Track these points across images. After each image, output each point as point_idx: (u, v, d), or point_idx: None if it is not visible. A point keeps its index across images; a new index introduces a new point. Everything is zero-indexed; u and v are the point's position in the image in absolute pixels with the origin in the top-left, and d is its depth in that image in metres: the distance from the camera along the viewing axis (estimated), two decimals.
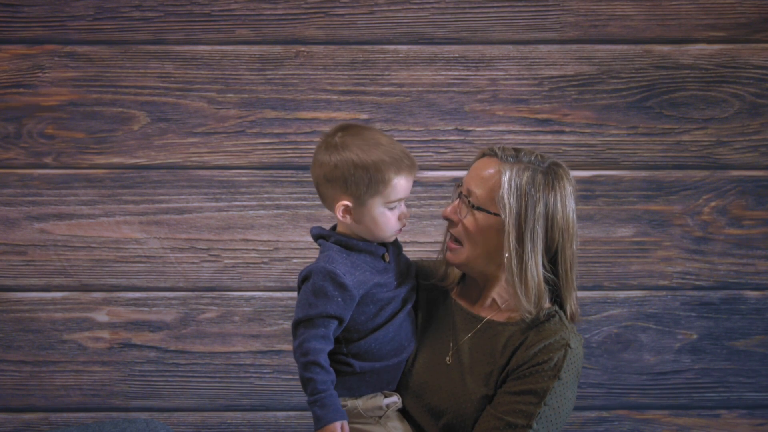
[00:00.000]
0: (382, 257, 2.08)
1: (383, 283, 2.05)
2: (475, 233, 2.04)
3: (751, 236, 2.89)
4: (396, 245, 2.14)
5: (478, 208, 2.03)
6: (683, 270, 2.89)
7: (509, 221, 1.99)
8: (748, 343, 2.91)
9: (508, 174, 2.00)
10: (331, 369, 1.99)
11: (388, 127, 2.83)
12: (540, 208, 2.00)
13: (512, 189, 1.99)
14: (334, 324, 1.99)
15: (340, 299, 1.98)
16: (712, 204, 2.88)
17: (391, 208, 2.02)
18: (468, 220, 2.04)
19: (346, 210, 2.03)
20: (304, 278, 2.03)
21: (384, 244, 2.09)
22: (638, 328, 2.90)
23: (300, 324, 2.00)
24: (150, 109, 2.84)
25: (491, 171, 2.03)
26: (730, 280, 2.90)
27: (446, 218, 2.08)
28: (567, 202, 2.02)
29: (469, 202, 2.04)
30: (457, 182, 2.11)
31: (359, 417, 2.07)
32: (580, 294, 2.87)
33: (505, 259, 2.00)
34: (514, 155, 2.04)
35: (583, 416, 2.92)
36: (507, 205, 1.99)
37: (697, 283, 2.89)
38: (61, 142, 2.83)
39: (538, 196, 2.00)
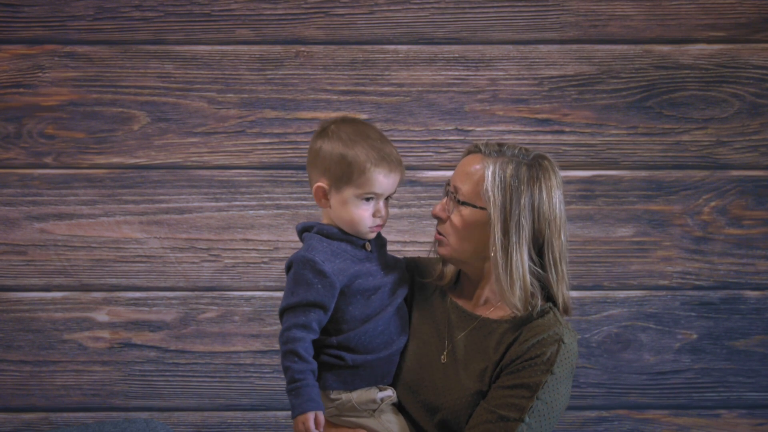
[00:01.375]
0: (363, 246, 2.10)
1: (365, 272, 2.07)
2: (462, 229, 2.06)
3: (751, 236, 2.89)
4: (379, 240, 2.15)
5: (464, 203, 2.04)
6: (683, 270, 2.89)
7: (494, 214, 2.01)
8: (748, 343, 2.91)
9: (491, 167, 2.02)
10: (311, 359, 2.00)
11: (388, 127, 2.83)
12: (525, 201, 2.01)
13: (496, 182, 2.01)
14: (316, 312, 2.01)
15: (319, 286, 2.00)
16: (712, 204, 2.88)
17: (366, 199, 2.05)
18: (455, 216, 2.07)
19: (322, 192, 2.07)
20: (288, 267, 2.06)
21: None
22: (638, 328, 2.90)
23: (284, 313, 2.03)
24: (150, 109, 2.84)
25: (477, 166, 2.05)
26: (730, 280, 2.90)
27: (435, 216, 2.11)
28: (553, 194, 2.04)
29: (455, 198, 2.06)
30: (447, 181, 2.12)
31: (353, 410, 2.09)
32: (581, 294, 2.87)
33: (491, 252, 2.01)
34: (498, 149, 2.06)
35: (583, 416, 2.92)
36: (492, 198, 2.01)
37: (697, 283, 2.89)
38: (61, 142, 2.84)
39: (522, 188, 2.01)
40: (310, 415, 1.97)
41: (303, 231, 2.12)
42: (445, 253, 2.10)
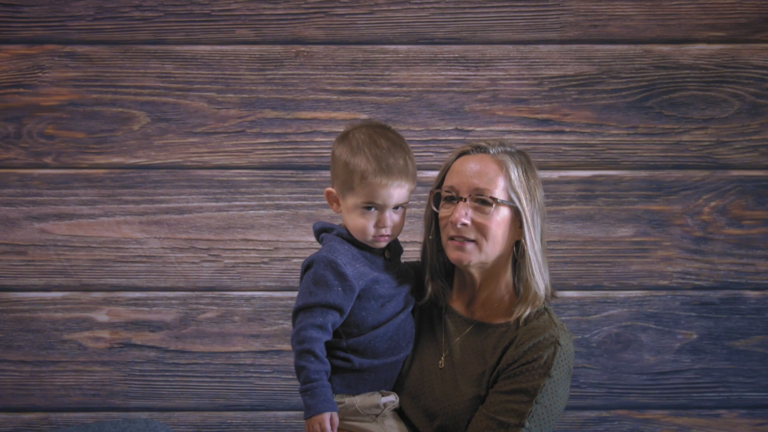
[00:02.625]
0: (383, 254, 2.09)
1: (383, 279, 2.07)
2: (497, 228, 2.04)
3: (751, 236, 2.89)
4: (396, 247, 2.15)
5: (502, 202, 2.04)
6: (683, 270, 2.89)
7: (526, 209, 2.04)
8: (748, 343, 2.91)
9: (510, 165, 2.05)
10: (326, 359, 2.01)
11: None
12: (538, 193, 2.07)
13: (519, 178, 2.05)
14: (332, 314, 2.01)
15: (339, 289, 2.00)
16: (712, 204, 2.88)
17: (366, 208, 2.03)
18: (484, 218, 2.03)
19: (332, 197, 2.09)
20: (307, 267, 2.05)
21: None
22: (638, 328, 2.90)
23: (299, 312, 2.02)
24: (150, 109, 2.84)
25: (494, 166, 2.05)
26: (730, 280, 2.90)
27: (462, 224, 2.04)
28: (540, 184, 2.10)
29: (482, 200, 2.04)
30: (439, 189, 2.10)
31: (356, 414, 2.08)
32: (581, 294, 2.87)
33: (527, 248, 2.04)
34: (502, 147, 2.09)
35: (583, 416, 2.92)
36: (521, 194, 2.05)
37: (697, 283, 2.89)
38: (61, 142, 2.83)
39: (533, 182, 2.07)
40: (326, 416, 1.97)
41: (321, 231, 2.12)
42: (471, 259, 2.06)
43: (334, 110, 2.84)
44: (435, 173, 2.85)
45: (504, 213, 2.04)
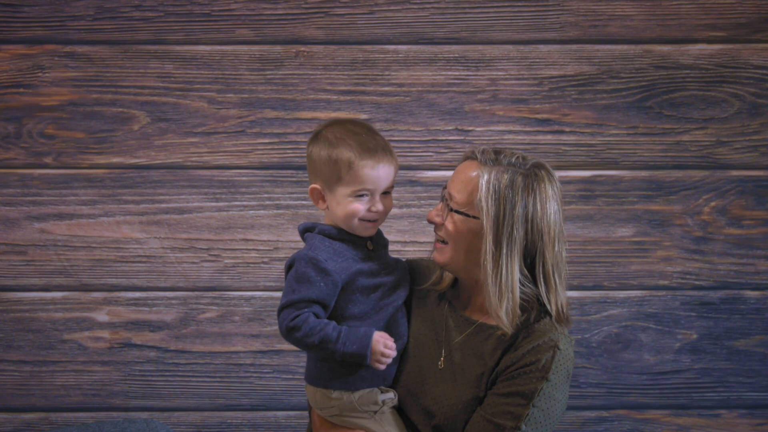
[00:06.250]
0: (365, 245, 2.11)
1: (366, 270, 2.08)
2: (456, 236, 2.05)
3: (751, 236, 2.89)
4: (381, 240, 2.16)
5: (457, 212, 2.04)
6: (683, 270, 2.89)
7: (487, 224, 1.99)
8: (748, 343, 2.91)
9: (486, 177, 2.01)
10: (326, 320, 2.03)
11: (388, 127, 2.83)
12: (518, 211, 1.99)
13: (490, 192, 2.00)
14: (316, 308, 2.03)
15: (322, 284, 2.02)
16: (712, 204, 2.88)
17: (358, 196, 2.05)
18: (449, 223, 2.06)
19: (318, 194, 2.09)
20: (289, 266, 2.07)
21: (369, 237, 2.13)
22: (638, 328, 2.90)
23: (283, 309, 2.04)
24: (150, 109, 2.84)
25: (472, 174, 2.03)
26: (730, 280, 2.90)
27: (430, 221, 2.10)
28: (547, 205, 2.01)
29: (449, 205, 2.06)
30: (444, 185, 2.12)
31: (354, 411, 2.09)
32: (581, 294, 2.87)
33: (482, 262, 2.01)
34: (494, 158, 2.04)
35: (583, 416, 2.92)
36: (485, 208, 2.00)
37: (697, 283, 2.89)
38: (61, 142, 2.84)
39: (516, 198, 1.99)
40: (376, 335, 2.02)
41: (305, 231, 2.14)
42: (442, 260, 2.09)
43: (334, 110, 2.84)
44: (435, 173, 2.87)
45: (460, 222, 2.04)
